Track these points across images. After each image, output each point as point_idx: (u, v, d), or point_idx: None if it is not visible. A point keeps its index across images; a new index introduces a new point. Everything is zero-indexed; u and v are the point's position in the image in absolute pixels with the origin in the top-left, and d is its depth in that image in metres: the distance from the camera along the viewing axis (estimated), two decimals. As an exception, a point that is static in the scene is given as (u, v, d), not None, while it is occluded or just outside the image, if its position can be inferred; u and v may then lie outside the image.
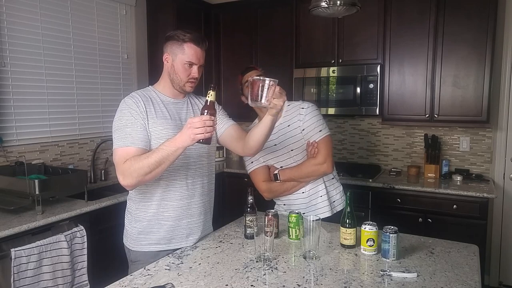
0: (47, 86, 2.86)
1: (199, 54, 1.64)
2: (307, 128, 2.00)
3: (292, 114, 2.05)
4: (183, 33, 1.63)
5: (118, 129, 1.57)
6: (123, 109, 1.60)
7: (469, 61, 2.97)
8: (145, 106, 1.61)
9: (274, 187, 2.08)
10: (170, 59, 1.65)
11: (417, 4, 3.09)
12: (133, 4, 3.51)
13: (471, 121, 3.04)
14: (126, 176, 1.50)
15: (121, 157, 1.53)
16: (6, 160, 2.61)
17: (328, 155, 1.98)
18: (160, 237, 1.68)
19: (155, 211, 1.67)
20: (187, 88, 1.69)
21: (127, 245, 1.75)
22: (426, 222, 2.89)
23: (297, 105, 2.06)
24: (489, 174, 3.25)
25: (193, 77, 1.66)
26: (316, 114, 2.02)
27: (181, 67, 1.63)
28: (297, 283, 1.35)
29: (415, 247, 1.66)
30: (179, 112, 1.71)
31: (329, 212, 2.04)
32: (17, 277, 1.91)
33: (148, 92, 1.69)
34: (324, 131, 2.00)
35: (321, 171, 1.99)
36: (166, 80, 1.70)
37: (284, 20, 3.63)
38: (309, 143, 2.01)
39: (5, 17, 2.59)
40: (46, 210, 2.24)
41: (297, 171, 2.02)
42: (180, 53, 1.62)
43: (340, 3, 1.82)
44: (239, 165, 3.87)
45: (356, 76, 3.27)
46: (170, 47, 1.65)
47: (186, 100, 1.77)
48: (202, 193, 1.76)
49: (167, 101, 1.70)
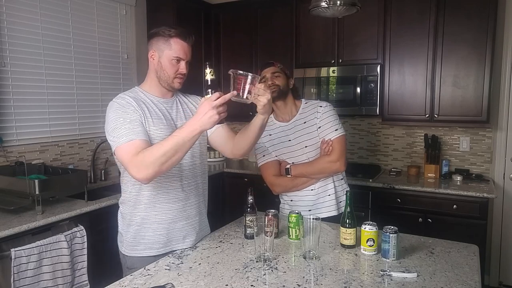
0: (47, 86, 2.86)
1: (186, 49, 1.60)
2: (323, 126, 2.03)
3: (310, 111, 2.08)
4: (168, 28, 1.59)
5: (116, 128, 1.50)
6: (116, 109, 1.54)
7: (469, 61, 2.97)
8: (139, 106, 1.56)
9: (284, 181, 2.09)
10: (156, 56, 1.61)
11: (417, 4, 3.09)
12: (133, 4, 3.51)
13: (471, 121, 3.04)
14: (142, 169, 1.40)
15: (130, 151, 1.44)
16: (6, 160, 2.61)
17: (342, 154, 2.00)
18: (156, 240, 1.64)
19: (150, 214, 1.62)
20: (176, 85, 1.64)
21: (122, 251, 1.70)
22: (426, 222, 2.89)
23: (315, 103, 2.10)
24: (489, 174, 3.25)
25: (181, 73, 1.62)
26: (333, 114, 2.06)
27: (169, 63, 1.59)
28: (297, 283, 1.35)
29: (415, 247, 1.66)
30: (170, 111, 1.67)
31: (335, 211, 2.06)
32: (17, 277, 1.91)
33: (136, 94, 1.64)
34: (340, 131, 2.03)
35: (334, 169, 2.01)
36: (153, 79, 1.66)
37: (284, 20, 3.63)
38: (324, 140, 2.03)
39: (5, 17, 2.59)
40: (46, 210, 2.24)
41: (309, 167, 2.03)
42: (166, 48, 1.58)
43: (340, 3, 1.82)
44: (239, 165, 3.87)
45: (356, 76, 3.27)
46: (156, 43, 1.60)
47: (175, 99, 1.72)
48: (197, 194, 1.74)
49: (157, 101, 1.65)
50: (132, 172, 1.43)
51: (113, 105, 1.56)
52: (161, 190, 1.62)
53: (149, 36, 1.64)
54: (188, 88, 1.77)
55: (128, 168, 1.46)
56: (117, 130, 1.49)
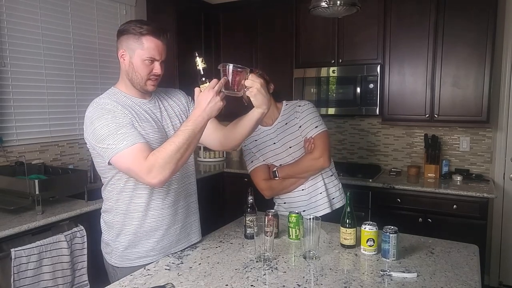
0: (47, 86, 2.86)
1: (160, 48, 1.46)
2: (304, 124, 2.03)
3: (290, 112, 2.08)
4: (139, 25, 1.44)
5: (111, 134, 1.37)
6: (102, 115, 1.40)
7: (469, 61, 2.97)
8: (125, 109, 1.45)
9: (274, 184, 2.09)
10: (127, 56, 1.46)
11: (417, 4, 3.08)
12: (133, 4, 3.51)
13: (471, 121, 3.04)
14: (157, 173, 1.31)
15: (136, 156, 1.33)
16: (6, 160, 2.61)
17: (324, 150, 1.99)
18: (150, 248, 1.56)
19: (142, 222, 1.53)
20: (149, 87, 1.51)
21: (111, 263, 1.58)
22: (426, 222, 2.89)
23: (294, 103, 2.11)
24: (489, 174, 3.25)
25: (155, 74, 1.49)
26: (313, 111, 2.05)
27: (141, 64, 1.45)
28: (297, 283, 1.35)
29: (415, 247, 1.66)
30: (154, 112, 1.57)
31: (328, 208, 2.06)
32: (17, 277, 1.91)
33: (117, 97, 1.51)
34: (320, 127, 2.02)
35: (318, 166, 2.01)
36: (125, 80, 1.53)
37: (284, 20, 3.63)
38: (306, 139, 2.03)
39: (5, 17, 2.59)
40: (46, 210, 2.24)
41: (294, 167, 2.04)
42: (138, 48, 1.44)
43: (340, 3, 1.82)
44: (239, 165, 3.87)
45: (356, 76, 3.27)
46: (126, 42, 1.45)
47: (154, 98, 1.61)
48: (186, 195, 1.66)
49: (140, 103, 1.54)
50: (146, 178, 1.33)
51: (96, 112, 1.43)
52: (151, 196, 1.53)
53: (118, 33, 1.48)
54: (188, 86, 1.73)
55: (138, 174, 1.34)
56: (112, 137, 1.37)
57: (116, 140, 1.36)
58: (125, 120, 1.41)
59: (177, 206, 1.62)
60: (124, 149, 1.35)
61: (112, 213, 1.56)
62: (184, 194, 1.65)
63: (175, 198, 1.60)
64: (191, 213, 1.70)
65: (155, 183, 1.34)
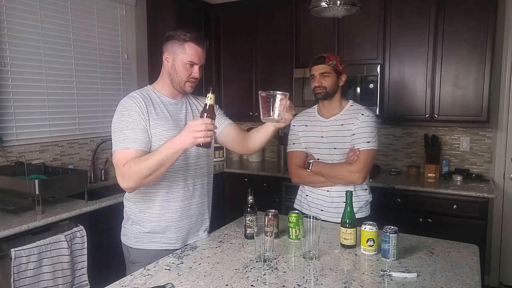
0: (47, 86, 2.86)
1: (200, 54, 1.64)
2: (357, 134, 2.00)
3: (351, 115, 2.05)
4: (183, 32, 1.63)
5: (118, 131, 1.57)
6: (122, 110, 1.59)
7: (469, 61, 2.97)
8: (146, 106, 1.60)
9: (303, 174, 2.10)
10: (170, 59, 1.65)
11: (417, 3, 3.08)
12: (133, 4, 3.51)
13: (471, 121, 3.04)
14: (126, 179, 1.51)
15: (121, 159, 1.52)
16: (6, 160, 2.61)
17: (364, 166, 1.95)
18: (161, 237, 1.68)
19: (156, 213, 1.67)
20: (187, 88, 1.69)
21: (127, 244, 1.73)
22: (426, 222, 2.88)
23: (359, 109, 2.06)
24: (489, 174, 3.25)
25: (194, 77, 1.66)
26: (372, 126, 2.01)
27: (182, 67, 1.63)
28: (297, 283, 1.35)
29: (415, 247, 1.66)
30: (179, 112, 1.72)
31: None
32: (17, 277, 1.91)
33: (148, 92, 1.69)
34: (372, 144, 1.99)
35: (351, 179, 1.97)
36: (165, 80, 1.70)
37: (284, 20, 3.63)
38: (352, 148, 2.00)
39: (5, 17, 2.59)
40: (46, 210, 2.24)
41: (329, 169, 2.02)
42: (181, 52, 1.62)
43: (340, 3, 1.82)
44: (239, 165, 3.87)
45: (356, 76, 3.27)
46: (171, 46, 1.64)
47: (185, 100, 1.77)
48: (201, 193, 1.78)
49: (167, 102, 1.70)
50: (118, 180, 1.54)
51: (122, 105, 1.61)
52: (167, 189, 1.67)
53: (164, 39, 1.67)
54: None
55: (116, 174, 1.54)
56: (116, 134, 1.57)
57: (118, 138, 1.56)
58: (136, 121, 1.56)
59: (192, 201, 1.74)
60: (118, 150, 1.55)
61: (130, 202, 1.72)
62: (199, 192, 1.77)
63: (191, 193, 1.73)
64: (204, 210, 1.82)
65: (124, 188, 1.55)
